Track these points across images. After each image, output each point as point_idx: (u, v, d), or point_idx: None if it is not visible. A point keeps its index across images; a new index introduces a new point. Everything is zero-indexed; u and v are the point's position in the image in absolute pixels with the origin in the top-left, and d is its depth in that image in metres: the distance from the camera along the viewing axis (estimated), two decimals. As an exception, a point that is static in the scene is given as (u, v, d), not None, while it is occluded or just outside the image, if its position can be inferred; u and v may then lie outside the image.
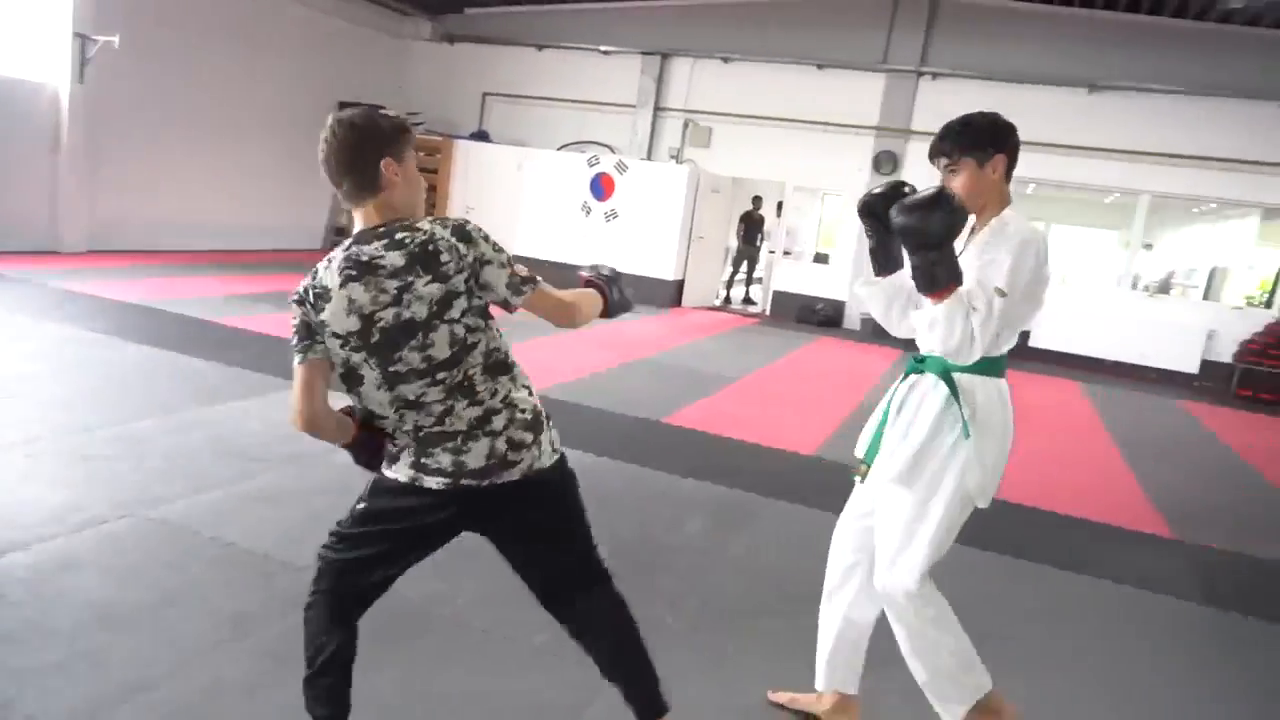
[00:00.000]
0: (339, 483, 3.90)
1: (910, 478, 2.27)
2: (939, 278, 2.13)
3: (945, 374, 2.26)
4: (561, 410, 5.69)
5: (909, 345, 2.42)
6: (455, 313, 1.82)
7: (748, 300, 14.39)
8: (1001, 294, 2.13)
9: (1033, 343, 11.54)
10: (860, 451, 2.50)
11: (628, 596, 2.11)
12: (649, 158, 12.91)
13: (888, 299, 2.48)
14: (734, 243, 14.68)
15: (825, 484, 4.87)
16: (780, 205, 13.50)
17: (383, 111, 1.99)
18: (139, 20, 10.01)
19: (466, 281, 1.82)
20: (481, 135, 13.55)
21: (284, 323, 2.03)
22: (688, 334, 10.17)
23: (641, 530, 3.86)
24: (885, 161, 11.96)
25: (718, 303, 13.80)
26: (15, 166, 9.33)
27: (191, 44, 10.99)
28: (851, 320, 12.37)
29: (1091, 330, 11.48)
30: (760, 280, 14.43)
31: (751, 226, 14.33)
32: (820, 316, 12.33)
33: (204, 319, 7.18)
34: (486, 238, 1.86)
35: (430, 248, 1.80)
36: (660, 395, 6.54)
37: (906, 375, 2.39)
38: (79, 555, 2.96)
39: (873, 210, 2.37)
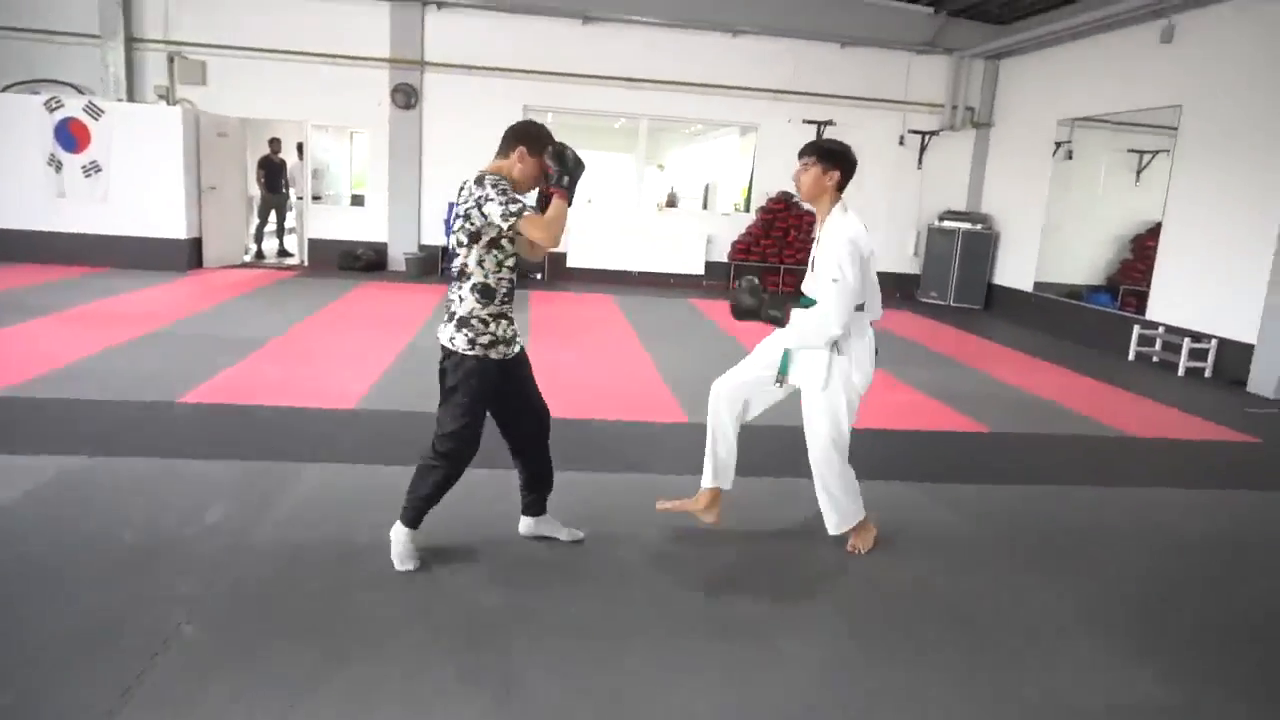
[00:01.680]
0: None
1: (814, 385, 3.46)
2: (777, 320, 3.41)
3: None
4: (30, 412, 4.69)
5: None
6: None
7: (283, 252, 13.25)
8: (834, 280, 3.21)
9: (570, 263, 12.35)
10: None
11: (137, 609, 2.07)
12: (130, 98, 11.04)
13: (813, 330, 3.36)
14: (257, 191, 13.35)
15: (364, 439, 4.69)
16: (300, 147, 12.53)
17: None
18: None
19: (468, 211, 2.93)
20: (-121, 75, 10.44)
21: None
22: (212, 296, 9.06)
23: (150, 531, 3.32)
24: (405, 94, 11.65)
25: (248, 258, 12.52)
26: None
27: None
28: (396, 262, 12.07)
29: (618, 246, 12.58)
30: (294, 230, 13.36)
31: (273, 171, 13.10)
32: (363, 261, 11.82)
33: None
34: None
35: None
36: (175, 371, 5.71)
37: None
38: None
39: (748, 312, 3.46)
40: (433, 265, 11.98)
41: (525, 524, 3.48)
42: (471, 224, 2.93)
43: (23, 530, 3.28)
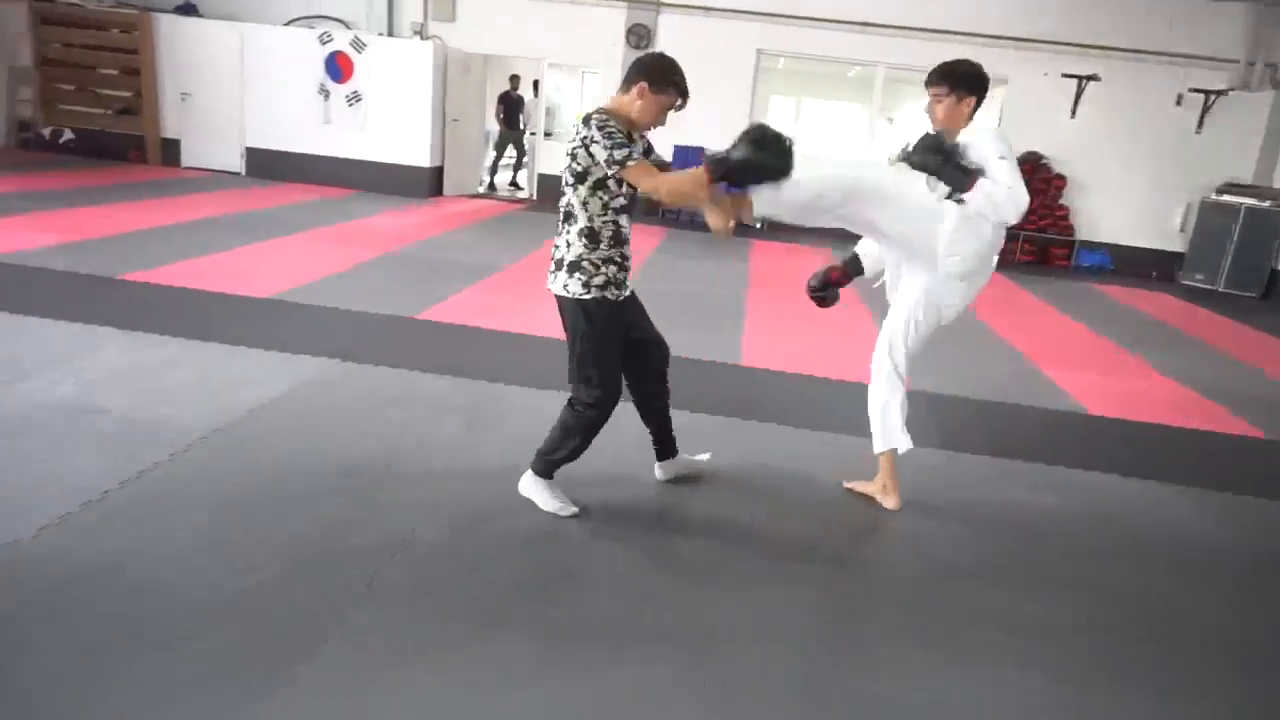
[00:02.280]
0: (15, 421, 3.28)
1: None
2: (959, 176, 2.96)
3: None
4: (295, 314, 5.17)
5: (678, 224, 2.67)
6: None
7: (514, 185, 13.88)
8: (1002, 157, 2.95)
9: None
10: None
11: (370, 514, 2.41)
12: (389, 33, 11.82)
13: (1004, 197, 2.99)
14: (495, 126, 13.99)
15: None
16: (536, 84, 12.94)
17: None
18: None
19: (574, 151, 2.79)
20: (188, 9, 11.78)
21: None
22: (449, 223, 9.64)
23: (388, 439, 3.57)
24: (638, 35, 11.69)
25: (482, 190, 13.20)
26: None
27: None
28: (617, 202, 12.25)
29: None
30: (527, 165, 13.92)
31: (511, 107, 13.67)
32: (586, 199, 12.11)
33: None
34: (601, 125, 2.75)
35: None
36: (412, 291, 6.12)
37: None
38: None
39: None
40: (654, 205, 12.07)
41: (661, 470, 3.41)
42: (578, 164, 2.77)
43: (287, 425, 3.63)
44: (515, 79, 13.56)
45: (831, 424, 4.29)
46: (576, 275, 2.83)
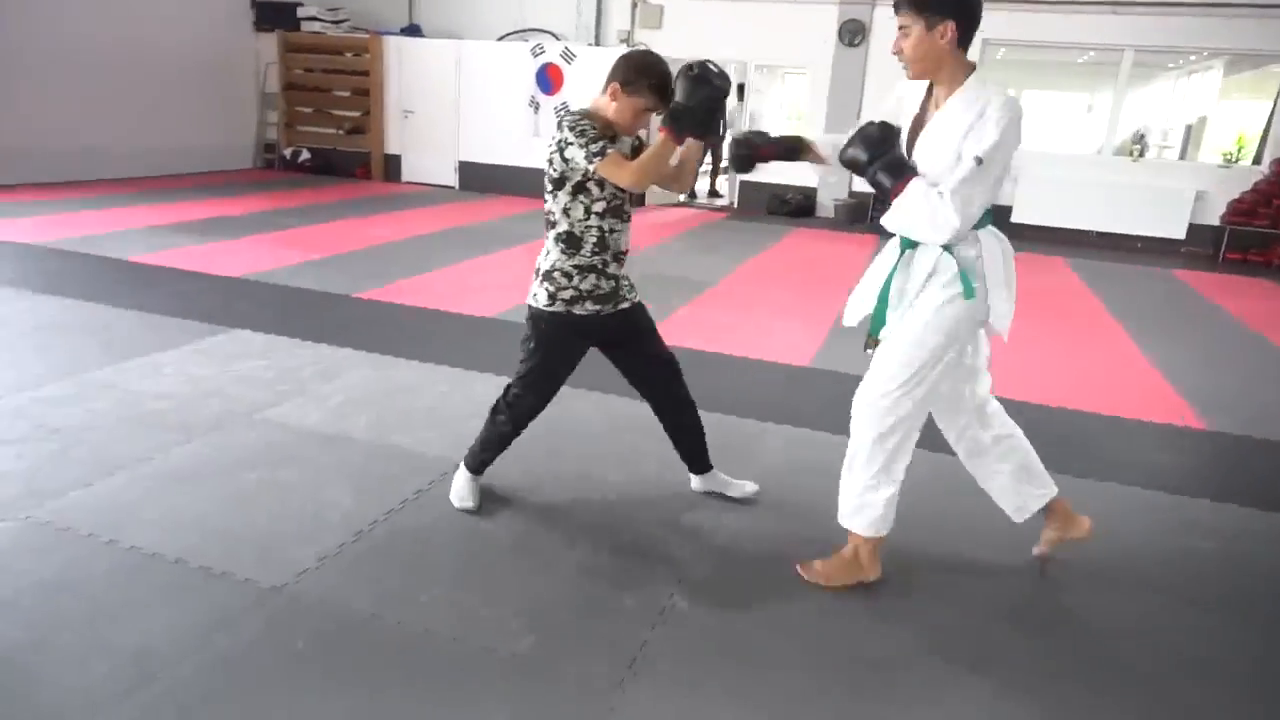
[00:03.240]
0: (268, 453, 3.32)
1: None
2: (882, 182, 2.35)
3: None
4: (518, 335, 5.07)
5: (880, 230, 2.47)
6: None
7: (713, 193, 13.63)
8: (979, 161, 2.23)
9: (1014, 218, 11.04)
10: (855, 321, 2.69)
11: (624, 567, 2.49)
12: (597, 43, 11.89)
13: (925, 215, 2.37)
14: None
15: (824, 403, 4.39)
16: (742, 88, 12.61)
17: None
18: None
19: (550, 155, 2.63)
20: (413, 30, 12.38)
21: (209, 255, 1.48)
22: (655, 234, 9.49)
23: (629, 472, 3.34)
24: (851, 32, 11.10)
25: (682, 198, 13.05)
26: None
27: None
28: (824, 208, 11.74)
29: (1072, 201, 10.96)
30: (727, 170, 13.65)
31: (712, 113, 13.43)
32: (791, 206, 11.67)
33: (117, 258, 6.39)
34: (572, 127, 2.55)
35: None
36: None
37: (902, 252, 2.50)
38: (-65, 584, 2.37)
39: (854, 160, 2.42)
40: (862, 213, 11.44)
41: (695, 482, 3.20)
42: (554, 170, 2.61)
43: (524, 456, 3.49)
44: (718, 83, 13.30)
45: (1156, 477, 3.66)
46: (544, 285, 2.73)
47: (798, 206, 11.68)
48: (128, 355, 4.31)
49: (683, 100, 2.43)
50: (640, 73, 2.56)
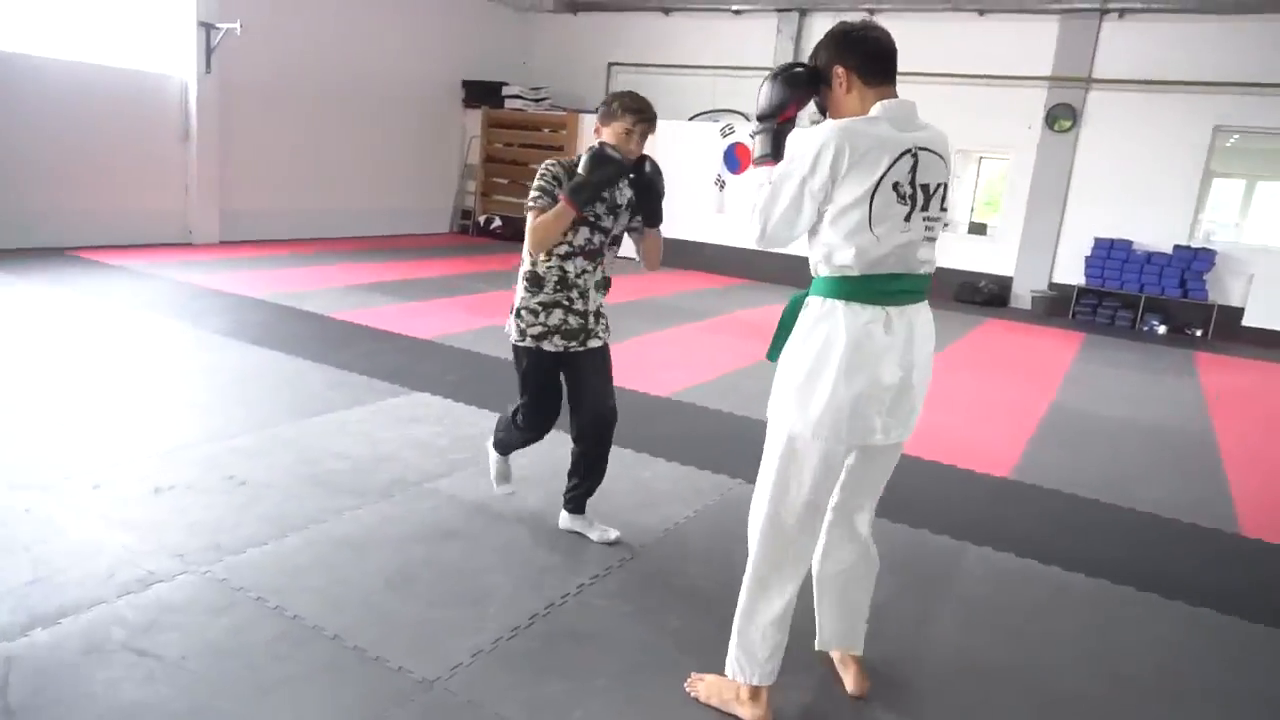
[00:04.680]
0: (440, 524, 3.26)
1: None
2: (765, 146, 2.20)
3: (796, 298, 2.19)
4: (696, 419, 4.87)
5: (1095, 329, 2.01)
6: None
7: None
8: (766, 184, 2.10)
9: (1247, 320, 9.86)
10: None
11: None
12: (788, 124, 11.84)
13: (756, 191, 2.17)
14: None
15: (1029, 521, 3.90)
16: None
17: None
18: (260, 4, 9.81)
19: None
20: (608, 108, 12.83)
21: (401, 316, 1.43)
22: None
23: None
24: (1059, 115, 10.46)
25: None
26: (147, 159, 9.31)
27: (312, 27, 10.75)
28: (1021, 299, 10.98)
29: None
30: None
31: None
32: (983, 295, 10.99)
33: (319, 313, 6.79)
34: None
35: None
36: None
37: None
38: (108, 635, 2.39)
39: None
40: (1064, 306, 10.59)
41: (564, 519, 3.31)
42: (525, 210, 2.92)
43: (698, 556, 3.25)
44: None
45: None
46: (514, 321, 2.99)
47: (990, 295, 10.98)
48: (317, 410, 4.45)
49: (584, 176, 2.74)
50: (607, 105, 2.88)
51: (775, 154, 2.18)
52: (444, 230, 13.52)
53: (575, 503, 3.26)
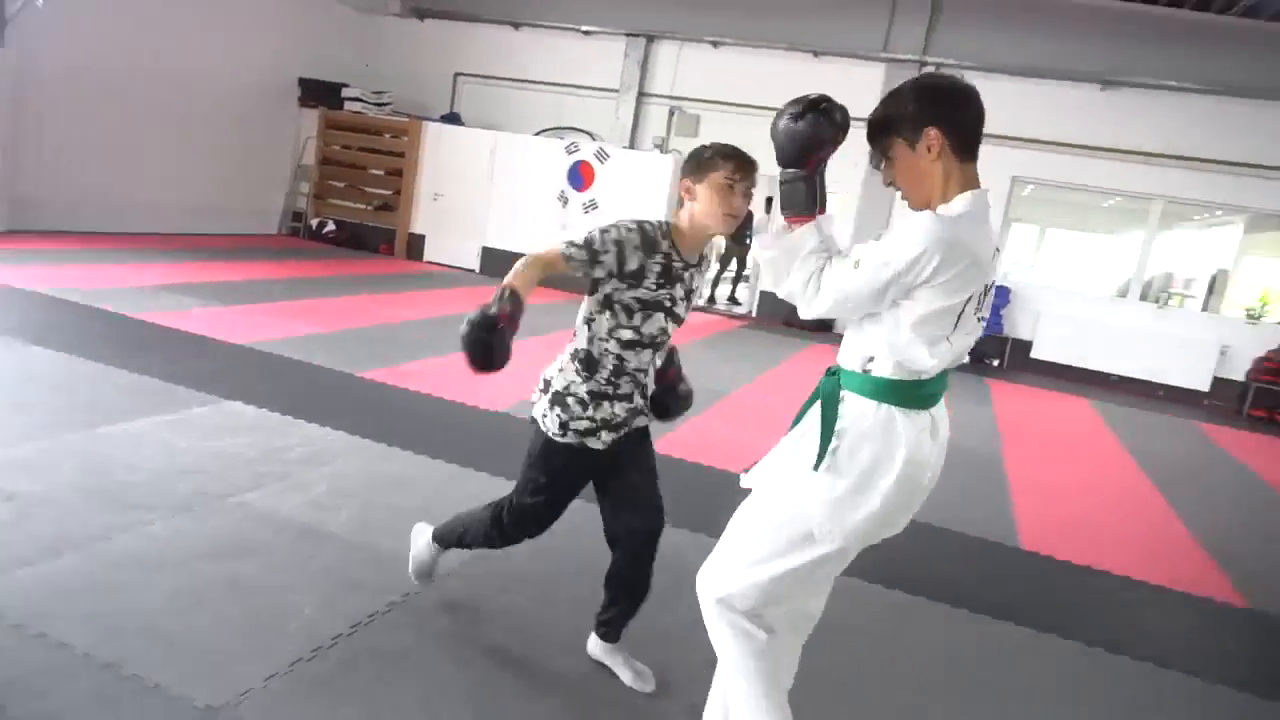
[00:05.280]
0: (241, 540, 3.07)
1: (760, 480, 1.99)
2: (796, 198, 1.88)
3: (832, 390, 1.93)
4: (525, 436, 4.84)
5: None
6: None
7: (733, 300, 13.59)
8: (855, 264, 1.82)
9: (1035, 353, 10.90)
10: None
11: None
12: (632, 146, 12.05)
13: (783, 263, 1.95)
14: (721, 239, 13.86)
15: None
16: (770, 200, 12.65)
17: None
18: (68, -24, 9.01)
19: None
20: (453, 118, 12.61)
21: (216, 319, 1.29)
22: (678, 337, 9.34)
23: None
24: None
25: (701, 303, 12.99)
26: (-79, 135, 8.31)
27: (129, 6, 9.97)
28: (844, 324, 11.61)
29: (1094, 341, 10.81)
30: (748, 279, 13.64)
31: (741, 222, 13.51)
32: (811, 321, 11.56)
33: (121, 314, 6.25)
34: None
35: None
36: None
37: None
38: None
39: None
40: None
41: (594, 645, 2.63)
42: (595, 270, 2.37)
43: (522, 590, 3.20)
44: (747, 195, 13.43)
45: (1184, 659, 3.33)
46: (557, 410, 2.40)
47: (820, 322, 11.57)
48: (109, 419, 4.09)
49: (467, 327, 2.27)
50: (699, 153, 2.38)
51: (809, 207, 1.90)
52: (272, 231, 12.81)
53: (612, 630, 2.59)
